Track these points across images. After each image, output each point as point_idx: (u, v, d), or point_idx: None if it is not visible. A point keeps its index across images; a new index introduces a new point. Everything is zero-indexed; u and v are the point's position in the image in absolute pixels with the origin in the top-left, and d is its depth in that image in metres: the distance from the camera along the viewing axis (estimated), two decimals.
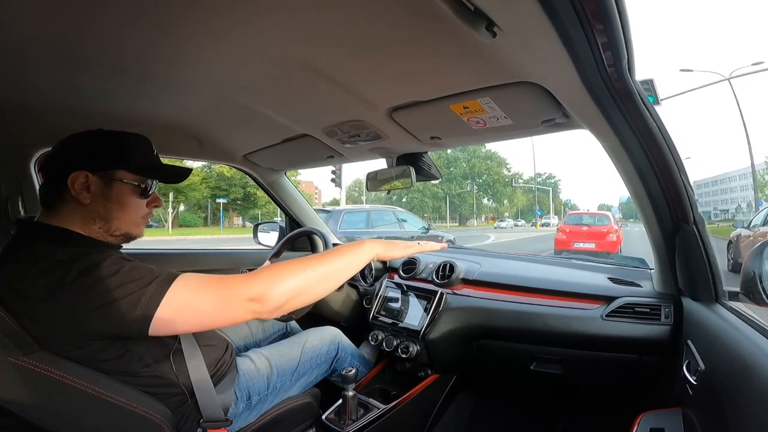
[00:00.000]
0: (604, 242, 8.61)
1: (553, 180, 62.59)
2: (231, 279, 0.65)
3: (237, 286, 0.64)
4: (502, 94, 0.77)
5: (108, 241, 0.74)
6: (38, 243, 0.67)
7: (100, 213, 0.72)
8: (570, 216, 10.50)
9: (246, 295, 0.64)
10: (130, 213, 0.75)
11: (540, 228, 34.01)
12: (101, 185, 0.71)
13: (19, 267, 0.64)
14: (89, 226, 0.72)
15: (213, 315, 0.64)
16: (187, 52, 0.71)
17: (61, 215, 0.71)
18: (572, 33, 0.52)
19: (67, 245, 0.67)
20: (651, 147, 0.77)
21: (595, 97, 0.68)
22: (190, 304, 0.63)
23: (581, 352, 1.09)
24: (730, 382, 0.61)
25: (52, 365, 0.62)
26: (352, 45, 0.66)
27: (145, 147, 0.78)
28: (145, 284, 0.62)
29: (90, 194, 0.70)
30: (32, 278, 0.62)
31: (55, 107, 0.96)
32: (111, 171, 0.72)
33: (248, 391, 0.91)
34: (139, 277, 0.62)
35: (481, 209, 52.78)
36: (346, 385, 1.08)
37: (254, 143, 1.36)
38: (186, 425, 0.77)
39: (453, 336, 1.22)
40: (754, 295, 0.75)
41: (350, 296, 1.45)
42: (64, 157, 0.72)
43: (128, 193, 0.75)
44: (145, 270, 0.64)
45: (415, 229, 7.20)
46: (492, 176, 49.94)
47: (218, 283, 0.64)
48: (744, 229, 6.52)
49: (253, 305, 0.64)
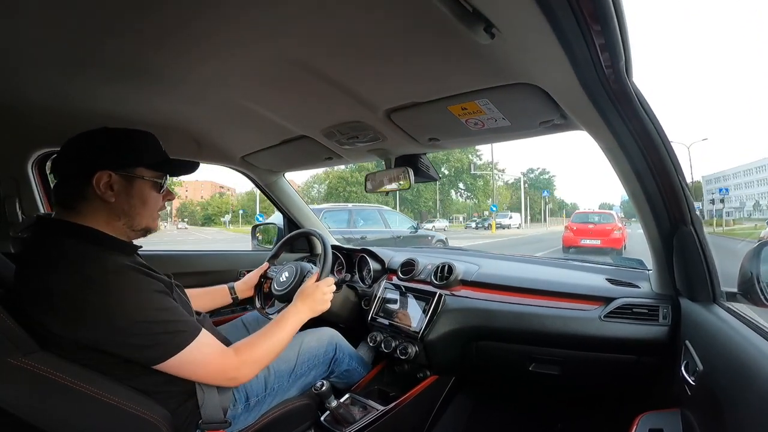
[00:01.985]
0: (609, 239, 9.07)
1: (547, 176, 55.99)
2: (226, 364, 0.77)
3: (230, 370, 0.78)
4: (500, 96, 0.78)
5: (130, 237, 0.79)
6: (65, 243, 0.69)
7: (125, 210, 0.75)
8: (577, 215, 11.07)
9: (233, 377, 0.79)
10: (151, 208, 0.80)
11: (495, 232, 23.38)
12: (123, 183, 0.75)
13: (45, 268, 0.65)
14: (114, 223, 0.75)
15: (203, 379, 0.77)
16: (186, 53, 0.71)
17: (84, 214, 0.72)
18: (570, 34, 0.53)
19: (96, 245, 0.71)
20: (648, 148, 0.78)
21: (593, 98, 0.68)
22: (193, 365, 0.73)
23: (580, 353, 1.09)
24: (728, 382, 0.62)
25: (51, 366, 0.62)
26: (351, 46, 0.66)
27: (154, 142, 0.81)
28: (168, 332, 0.69)
29: (114, 192, 0.73)
30: (59, 281, 0.64)
31: (53, 108, 0.96)
32: (131, 169, 0.76)
33: (246, 393, 0.91)
34: (170, 320, 0.70)
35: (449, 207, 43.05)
36: (325, 400, 1.04)
37: (252, 145, 1.36)
38: (185, 427, 0.77)
39: (451, 337, 1.22)
40: (752, 295, 0.75)
41: (349, 298, 1.45)
42: (85, 158, 0.73)
43: (148, 189, 0.78)
44: (173, 314, 0.72)
45: (402, 228, 6.82)
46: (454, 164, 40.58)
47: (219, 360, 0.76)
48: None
49: (234, 381, 0.81)
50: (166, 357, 0.68)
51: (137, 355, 0.68)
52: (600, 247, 8.99)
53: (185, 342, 0.70)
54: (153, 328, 0.67)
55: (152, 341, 0.67)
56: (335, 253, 1.66)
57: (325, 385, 1.04)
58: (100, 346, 0.66)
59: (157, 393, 0.74)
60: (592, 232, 9.43)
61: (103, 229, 0.73)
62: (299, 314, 0.96)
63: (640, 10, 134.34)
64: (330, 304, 1.05)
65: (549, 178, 57.28)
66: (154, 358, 0.68)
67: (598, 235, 9.27)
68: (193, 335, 0.72)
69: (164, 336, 0.68)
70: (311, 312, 1.00)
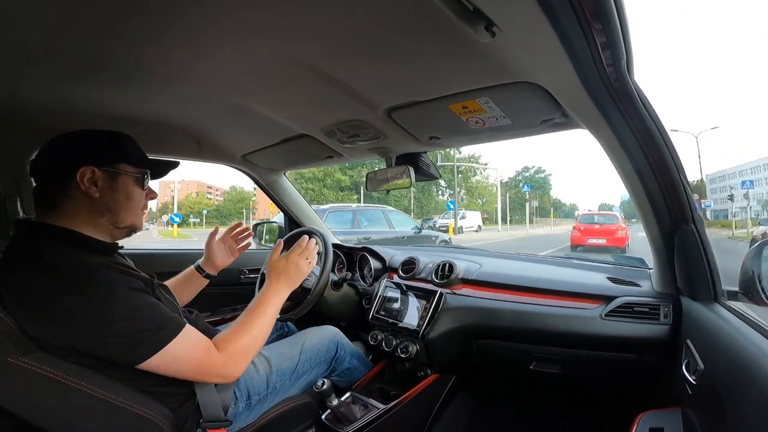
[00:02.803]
0: (613, 238, 10.10)
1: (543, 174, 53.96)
2: (213, 359, 0.75)
3: (218, 366, 0.75)
4: (501, 94, 0.77)
5: (114, 236, 0.78)
6: (41, 245, 0.68)
7: (109, 206, 0.75)
8: (583, 216, 12.45)
9: (223, 373, 0.77)
10: (135, 204, 0.80)
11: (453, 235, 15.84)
12: (107, 179, 0.75)
13: (23, 271, 0.65)
14: (97, 221, 0.74)
15: (192, 377, 0.76)
16: (187, 52, 0.71)
17: (65, 213, 0.72)
18: (571, 33, 0.52)
19: (74, 246, 0.70)
20: (650, 147, 0.77)
21: (594, 97, 0.68)
22: (178, 362, 0.71)
23: (580, 352, 1.09)
24: (729, 381, 0.62)
25: (51, 366, 0.62)
26: (352, 45, 0.66)
27: (134, 143, 0.82)
28: (147, 329, 0.67)
29: (98, 188, 0.73)
30: (36, 284, 0.63)
31: (53, 108, 0.96)
32: (115, 164, 0.76)
33: (248, 391, 0.91)
34: (149, 317, 0.68)
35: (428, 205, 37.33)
36: (327, 399, 1.04)
37: (253, 143, 1.36)
38: (186, 425, 0.77)
39: (452, 336, 1.22)
40: (753, 294, 0.75)
41: (349, 296, 1.45)
42: (67, 155, 0.73)
43: (132, 185, 0.79)
44: (153, 311, 0.70)
45: (406, 229, 6.95)
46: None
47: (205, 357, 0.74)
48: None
49: (227, 377, 0.78)
50: (148, 355, 0.66)
51: (118, 355, 0.66)
52: (605, 246, 9.91)
53: (166, 339, 0.68)
54: (131, 327, 0.65)
55: (132, 340, 0.65)
56: (336, 252, 1.66)
57: (326, 384, 1.04)
58: (80, 349, 0.64)
59: (157, 392, 0.74)
60: (598, 232, 10.42)
61: (85, 229, 0.72)
62: (279, 293, 0.91)
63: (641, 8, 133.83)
64: (309, 268, 0.97)
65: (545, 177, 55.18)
66: (135, 357, 0.66)
67: (604, 235, 10.27)
68: (174, 332, 0.69)
69: (143, 334, 0.66)
70: (290, 287, 0.93)
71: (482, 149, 42.83)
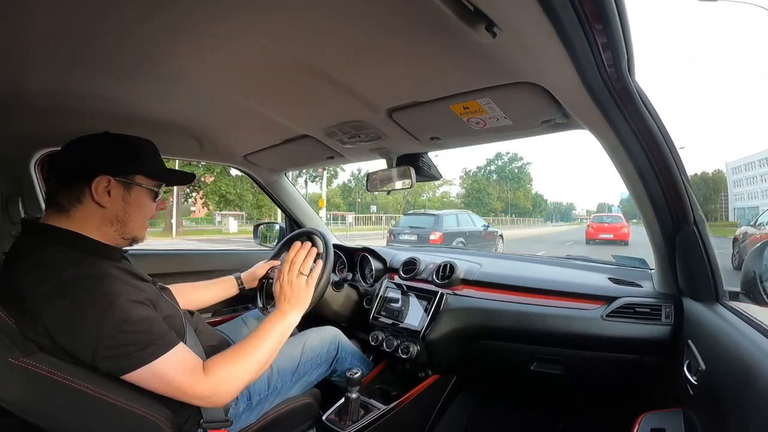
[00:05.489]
0: (619, 233, 13.58)
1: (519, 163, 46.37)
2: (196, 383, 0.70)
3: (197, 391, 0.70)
4: (502, 95, 0.77)
5: (119, 244, 0.77)
6: (47, 248, 0.67)
7: (119, 216, 0.75)
8: (595, 216, 16.84)
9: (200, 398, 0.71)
10: (145, 216, 0.80)
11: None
12: (121, 190, 0.74)
13: (25, 272, 0.65)
14: (105, 229, 0.74)
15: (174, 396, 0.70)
16: (189, 52, 0.71)
17: (75, 218, 0.71)
18: (572, 33, 0.52)
19: (79, 250, 0.69)
20: (651, 147, 0.77)
21: (595, 97, 0.68)
22: (161, 380, 0.68)
23: (582, 353, 1.09)
24: (731, 382, 0.61)
25: (51, 366, 0.62)
26: (352, 46, 0.66)
27: (154, 152, 0.81)
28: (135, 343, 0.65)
29: (110, 198, 0.72)
30: (36, 286, 0.63)
31: (55, 108, 0.96)
32: (131, 176, 0.75)
33: (248, 392, 0.91)
34: (141, 330, 0.66)
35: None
36: (350, 387, 1.07)
37: (255, 144, 1.36)
38: (186, 426, 0.77)
39: (453, 336, 1.22)
40: (755, 295, 0.74)
41: (350, 296, 1.45)
42: (84, 161, 0.72)
43: (144, 197, 0.78)
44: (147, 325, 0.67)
45: (479, 227, 9.68)
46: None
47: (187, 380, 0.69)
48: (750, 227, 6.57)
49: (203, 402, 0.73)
50: (130, 369, 0.65)
51: (103, 364, 0.64)
52: (613, 239, 13.45)
53: (153, 355, 0.66)
54: (121, 339, 0.64)
55: (118, 352, 0.64)
56: (337, 252, 1.66)
57: (359, 373, 1.07)
58: (69, 353, 0.63)
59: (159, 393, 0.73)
60: (607, 229, 13.98)
61: (92, 234, 0.72)
62: (285, 318, 0.86)
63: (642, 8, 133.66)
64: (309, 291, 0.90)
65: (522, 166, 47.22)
66: (119, 368, 0.65)
67: (611, 231, 13.79)
68: (163, 349, 0.67)
69: (131, 347, 0.64)
70: (297, 307, 0.88)
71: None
